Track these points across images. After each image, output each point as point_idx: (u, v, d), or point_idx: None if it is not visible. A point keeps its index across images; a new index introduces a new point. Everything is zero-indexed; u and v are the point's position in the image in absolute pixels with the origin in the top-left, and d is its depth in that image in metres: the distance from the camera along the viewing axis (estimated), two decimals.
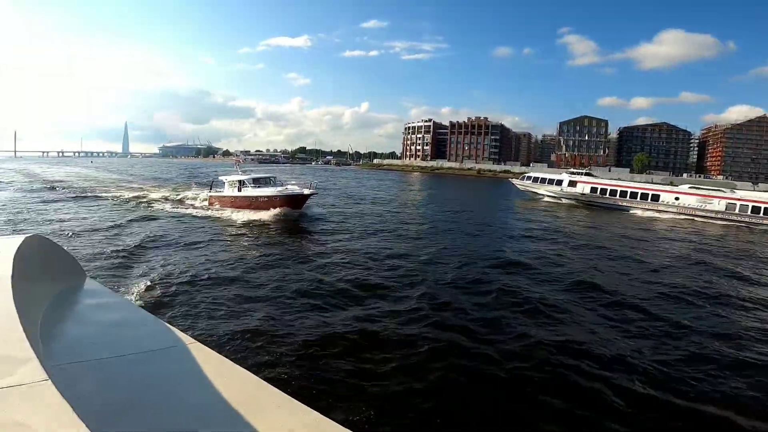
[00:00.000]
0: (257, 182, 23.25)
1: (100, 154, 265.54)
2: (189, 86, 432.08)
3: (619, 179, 44.65)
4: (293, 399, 1.79)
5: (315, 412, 1.70)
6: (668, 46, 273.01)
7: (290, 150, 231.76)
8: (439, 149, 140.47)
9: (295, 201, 21.49)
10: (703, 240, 22.70)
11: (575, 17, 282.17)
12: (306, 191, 21.99)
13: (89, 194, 30.53)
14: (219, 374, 1.96)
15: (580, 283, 11.80)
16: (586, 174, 40.07)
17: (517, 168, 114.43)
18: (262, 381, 1.97)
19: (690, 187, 33.85)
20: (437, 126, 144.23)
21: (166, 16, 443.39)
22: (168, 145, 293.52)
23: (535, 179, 41.00)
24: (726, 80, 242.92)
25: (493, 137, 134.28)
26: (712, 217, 30.39)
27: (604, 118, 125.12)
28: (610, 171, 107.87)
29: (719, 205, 30.81)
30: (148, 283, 10.00)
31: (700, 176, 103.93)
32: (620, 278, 12.87)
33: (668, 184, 41.69)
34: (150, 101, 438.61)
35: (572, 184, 37.06)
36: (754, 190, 41.45)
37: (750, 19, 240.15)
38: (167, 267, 11.70)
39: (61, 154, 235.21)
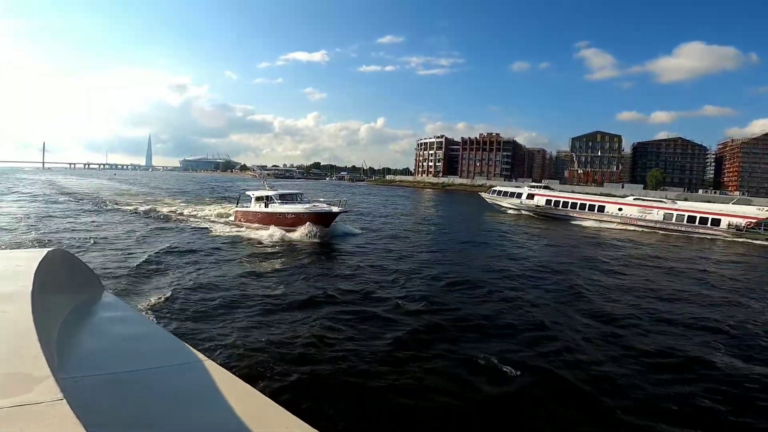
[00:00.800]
0: (284, 198, 22.83)
1: (124, 167, 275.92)
2: (212, 100, 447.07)
3: (573, 192, 48.51)
4: (303, 422, 1.79)
5: None
6: (688, 59, 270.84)
7: (305, 165, 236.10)
8: (451, 165, 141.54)
9: (323, 219, 20.91)
10: (625, 245, 24.76)
11: (593, 31, 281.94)
12: (335, 209, 21.45)
13: (110, 206, 32.25)
14: (230, 394, 1.97)
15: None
16: (544, 188, 44.62)
17: (527, 184, 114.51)
18: (273, 402, 1.98)
19: (634, 199, 36.49)
20: (449, 142, 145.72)
21: (195, 31, 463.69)
22: (189, 159, 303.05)
23: (500, 192, 43.77)
24: (749, 92, 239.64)
25: (505, 153, 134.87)
26: (651, 227, 32.26)
27: (617, 134, 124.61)
28: (623, 188, 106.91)
29: (657, 215, 32.83)
30: (165, 297, 10.12)
31: (715, 192, 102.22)
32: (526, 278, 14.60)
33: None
34: (173, 114, 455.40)
35: (530, 197, 39.76)
36: None
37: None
38: (185, 282, 11.82)
39: (87, 167, 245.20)
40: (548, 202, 38.22)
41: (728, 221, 30.49)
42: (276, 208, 22.10)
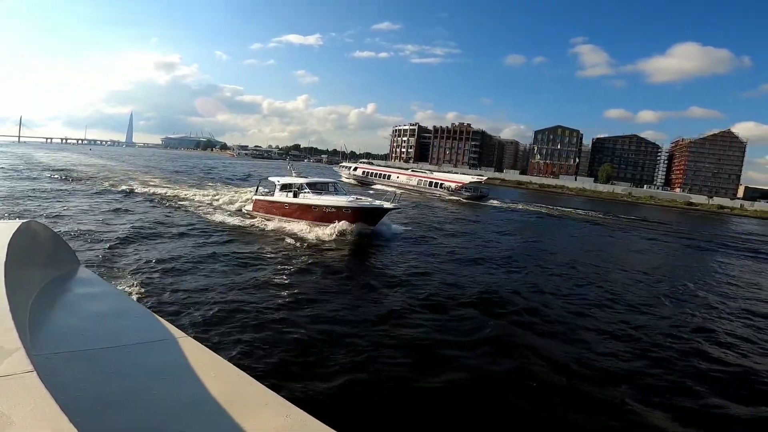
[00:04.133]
0: (315, 187, 19.71)
1: (102, 143, 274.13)
2: (200, 80, 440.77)
3: (387, 166, 71.84)
4: (282, 397, 1.81)
5: (303, 411, 1.71)
6: (681, 59, 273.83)
7: (287, 147, 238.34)
8: (422, 152, 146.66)
9: (370, 215, 17.81)
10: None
11: (591, 27, 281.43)
12: (387, 204, 17.99)
13: (86, 181, 31.20)
14: (208, 370, 1.96)
15: None
16: (368, 163, 68.82)
17: (490, 173, 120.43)
18: (252, 378, 1.97)
19: (411, 171, 57.95)
20: (422, 130, 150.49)
21: (189, 10, 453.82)
22: (171, 136, 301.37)
23: (342, 166, 63.71)
24: (737, 96, 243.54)
25: (473, 143, 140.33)
26: (411, 187, 48.80)
27: (576, 128, 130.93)
28: (576, 180, 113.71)
29: (415, 181, 50.28)
30: (145, 277, 9.95)
31: (658, 188, 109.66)
32: None
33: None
34: (160, 93, 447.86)
35: (356, 169, 57.63)
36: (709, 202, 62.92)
37: (764, 34, 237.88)
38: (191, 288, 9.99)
39: (64, 141, 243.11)
40: (363, 172, 56.03)
41: (447, 185, 46.55)
42: (309, 199, 18.84)
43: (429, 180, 49.37)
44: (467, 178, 49.84)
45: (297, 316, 8.66)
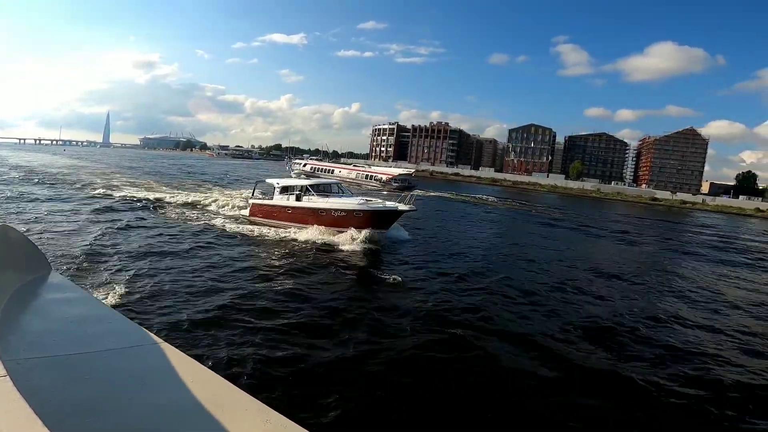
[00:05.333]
0: (320, 189, 18.64)
1: (78, 143, 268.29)
2: (181, 79, 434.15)
3: (332, 162, 77.85)
4: (261, 402, 1.79)
5: (283, 416, 1.70)
6: (658, 59, 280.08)
7: (267, 147, 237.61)
8: (401, 151, 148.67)
9: (385, 218, 16.72)
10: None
11: (572, 26, 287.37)
12: (401, 206, 16.66)
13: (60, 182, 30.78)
14: (186, 375, 1.94)
15: None
16: (317, 160, 74.92)
17: (467, 171, 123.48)
18: (230, 384, 1.96)
19: (354, 165, 69.40)
20: (401, 129, 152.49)
21: (169, 8, 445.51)
22: (150, 137, 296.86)
23: (294, 162, 72.04)
24: (711, 95, 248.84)
25: (451, 142, 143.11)
26: (351, 180, 55.69)
27: (549, 127, 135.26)
28: (548, 177, 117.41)
29: (353, 174, 58.31)
30: (118, 282, 9.89)
31: (625, 185, 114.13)
32: None
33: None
34: (139, 92, 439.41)
35: (305, 165, 62.88)
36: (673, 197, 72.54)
37: (740, 31, 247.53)
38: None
39: (38, 142, 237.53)
40: (311, 168, 61.77)
41: (380, 177, 54.63)
42: (315, 202, 17.78)
43: (365, 173, 57.89)
44: (397, 171, 59.79)
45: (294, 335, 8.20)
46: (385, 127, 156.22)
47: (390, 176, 54.90)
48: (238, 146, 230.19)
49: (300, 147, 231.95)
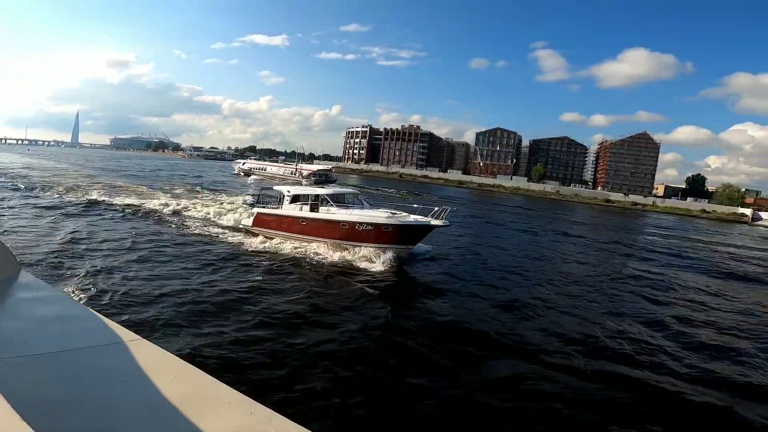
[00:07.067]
0: (337, 200, 16.98)
1: (44, 143, 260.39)
2: (156, 79, 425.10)
3: (268, 161, 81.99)
4: (245, 395, 1.78)
5: (268, 408, 1.70)
6: (630, 65, 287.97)
7: (241, 148, 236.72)
8: (374, 154, 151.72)
9: (415, 234, 15.34)
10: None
11: (551, 31, 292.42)
12: (434, 221, 15.13)
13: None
14: (166, 371, 1.94)
15: None
16: (255, 160, 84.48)
17: (435, 173, 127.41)
18: (213, 378, 1.94)
19: (283, 161, 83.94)
20: (373, 132, 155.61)
21: (146, 7, 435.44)
22: (121, 137, 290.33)
23: (235, 162, 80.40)
24: (679, 101, 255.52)
25: (421, 145, 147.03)
26: (281, 176, 62.68)
27: (514, 131, 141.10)
28: (512, 179, 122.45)
29: (282, 171, 65.95)
30: (88, 279, 9.90)
31: (583, 187, 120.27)
32: None
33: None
34: (111, 92, 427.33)
35: (244, 164, 72.71)
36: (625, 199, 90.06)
37: (708, 38, 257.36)
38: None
39: (3, 142, 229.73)
40: (248, 167, 69.84)
41: (305, 173, 62.01)
42: (335, 214, 16.05)
43: (291, 170, 67.03)
44: (316, 167, 73.08)
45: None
46: (358, 129, 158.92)
47: (311, 171, 64.69)
48: (213, 147, 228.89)
49: (277, 149, 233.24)
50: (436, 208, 15.79)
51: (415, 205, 16.58)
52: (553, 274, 17.29)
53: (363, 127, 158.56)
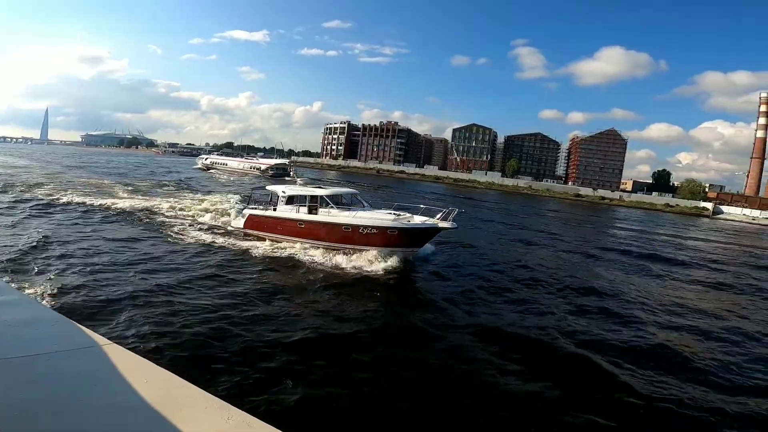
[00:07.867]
0: (334, 200, 16.26)
1: (11, 140, 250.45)
2: (130, 75, 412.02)
3: (226, 156, 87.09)
4: (221, 399, 1.77)
5: (244, 412, 1.69)
6: (606, 63, 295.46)
7: (218, 144, 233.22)
8: (352, 149, 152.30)
9: (421, 237, 14.90)
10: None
11: (531, 29, 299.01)
12: (442, 224, 14.66)
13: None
14: (140, 375, 1.90)
15: None
16: (219, 155, 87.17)
17: (411, 169, 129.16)
18: (187, 382, 1.92)
19: (246, 156, 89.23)
20: (352, 128, 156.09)
21: (117, 3, 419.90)
22: (92, 133, 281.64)
23: (199, 158, 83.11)
24: (653, 98, 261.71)
25: (399, 141, 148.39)
26: (241, 170, 68.09)
27: (489, 127, 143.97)
28: (486, 174, 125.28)
29: (241, 165, 69.97)
30: (56, 281, 9.76)
31: (553, 182, 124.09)
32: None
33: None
34: (83, 88, 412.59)
35: (206, 159, 76.12)
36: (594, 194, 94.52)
37: (680, 36, 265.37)
38: None
39: None
40: (210, 162, 73.68)
41: (260, 166, 66.64)
42: (336, 216, 15.39)
43: (250, 164, 70.44)
44: (273, 161, 74.33)
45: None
46: (337, 125, 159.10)
47: (267, 165, 67.75)
48: (189, 144, 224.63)
49: (256, 145, 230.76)
50: (443, 210, 15.25)
51: (421, 206, 15.82)
52: (550, 275, 17.19)
53: (341, 123, 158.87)
